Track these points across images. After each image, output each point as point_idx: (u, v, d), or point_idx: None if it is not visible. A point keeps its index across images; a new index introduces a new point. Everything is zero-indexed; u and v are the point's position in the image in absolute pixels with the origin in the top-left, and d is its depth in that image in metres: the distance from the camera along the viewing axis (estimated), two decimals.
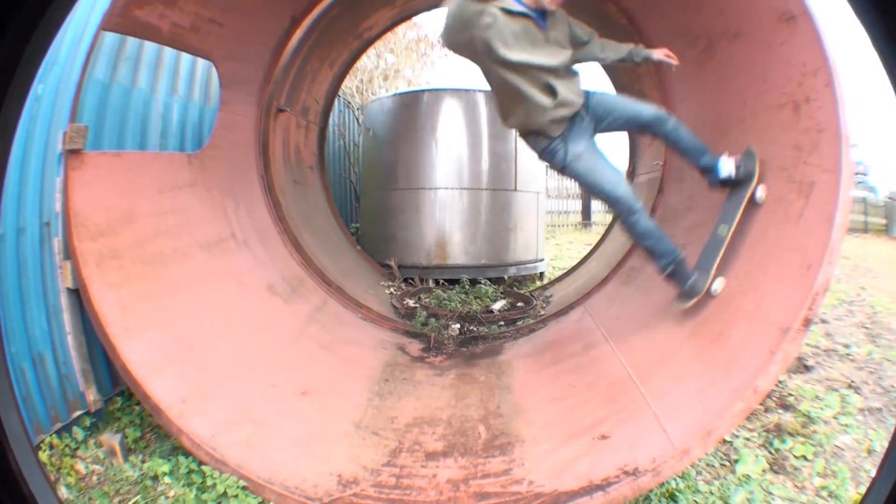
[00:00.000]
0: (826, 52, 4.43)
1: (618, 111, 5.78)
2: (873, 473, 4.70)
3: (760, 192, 5.42)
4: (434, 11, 12.20)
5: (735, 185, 5.61)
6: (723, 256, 5.50)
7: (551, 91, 5.43)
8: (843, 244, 4.17)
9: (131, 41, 6.14)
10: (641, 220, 5.61)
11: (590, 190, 5.89)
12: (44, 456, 4.89)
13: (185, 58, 7.21)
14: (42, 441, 5.00)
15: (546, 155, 5.86)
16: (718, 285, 5.41)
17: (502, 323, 9.30)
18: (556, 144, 5.70)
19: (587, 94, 5.75)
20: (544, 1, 5.38)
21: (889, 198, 35.09)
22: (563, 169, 5.83)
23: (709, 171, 5.74)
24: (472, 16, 5.01)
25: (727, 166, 5.57)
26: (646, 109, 5.77)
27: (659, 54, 5.89)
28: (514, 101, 5.61)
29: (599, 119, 5.76)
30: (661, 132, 5.76)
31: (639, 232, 5.67)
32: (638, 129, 5.95)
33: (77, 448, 5.23)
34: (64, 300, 5.32)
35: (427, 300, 10.72)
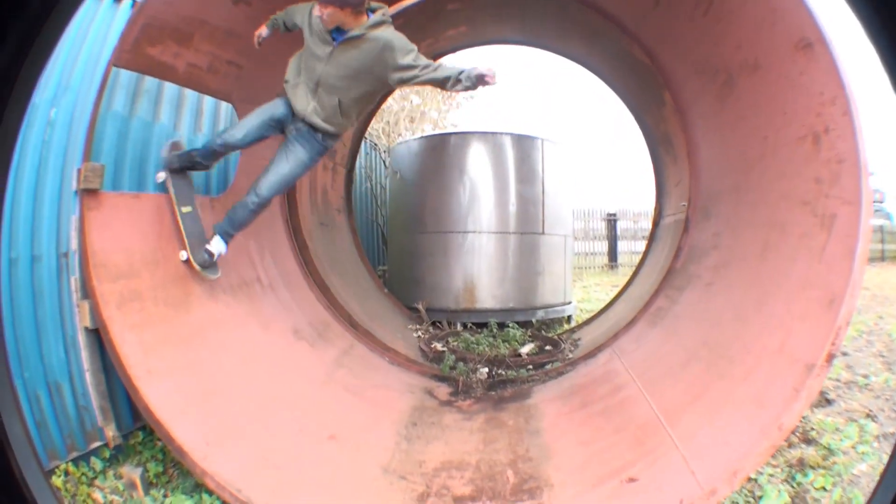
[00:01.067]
0: (843, 79, 4.40)
1: (277, 159, 6.45)
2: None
3: (182, 254, 6.26)
4: (459, 52, 12.28)
5: (200, 241, 6.41)
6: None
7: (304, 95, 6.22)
8: (864, 275, 4.15)
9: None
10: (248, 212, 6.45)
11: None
12: (58, 481, 4.94)
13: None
14: (57, 467, 5.05)
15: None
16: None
17: (531, 366, 9.26)
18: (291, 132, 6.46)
19: (313, 136, 6.37)
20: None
21: None
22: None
23: (214, 229, 6.49)
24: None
25: (214, 243, 6.42)
26: (265, 182, 6.38)
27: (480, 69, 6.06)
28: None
29: (287, 140, 6.48)
30: (248, 193, 6.45)
31: (240, 214, 6.47)
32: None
33: (95, 478, 5.29)
34: (82, 339, 5.37)
35: (455, 344, 10.69)
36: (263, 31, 6.34)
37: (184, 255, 6.18)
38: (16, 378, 4.67)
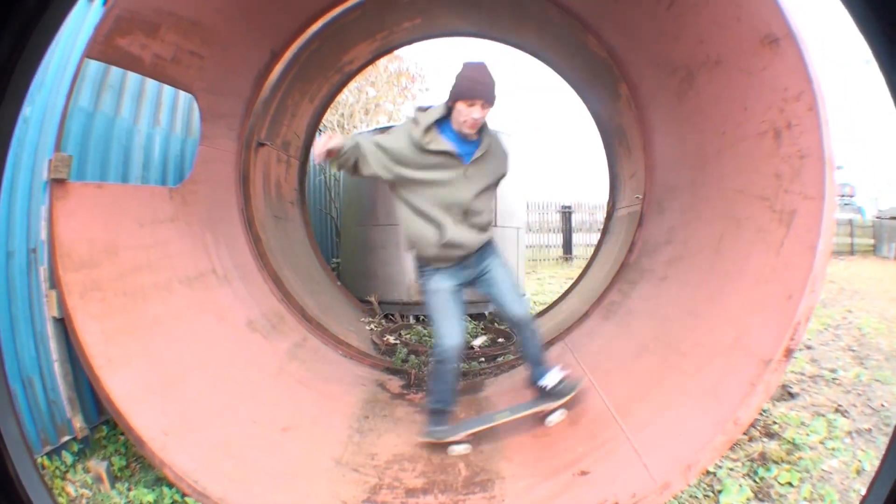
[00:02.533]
0: (810, 74, 4.35)
1: (498, 287, 5.87)
2: (863, 492, 4.74)
3: (555, 416, 5.97)
4: (415, 44, 12.24)
5: (544, 394, 5.95)
6: (479, 432, 5.88)
7: (439, 228, 5.52)
8: (827, 269, 4.16)
9: (115, 69, 6.18)
10: (448, 371, 5.67)
11: (429, 317, 6.16)
12: (41, 474, 4.88)
13: (168, 88, 7.25)
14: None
15: (417, 271, 6.03)
16: (458, 449, 5.80)
17: (483, 359, 9.28)
18: (427, 271, 5.84)
19: (489, 250, 5.95)
20: (458, 123, 5.33)
21: (877, 217, 35.40)
22: (420, 288, 6.01)
23: (535, 375, 5.98)
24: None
25: (552, 378, 5.90)
26: (518, 309, 5.85)
27: None
28: (408, 227, 5.72)
29: (480, 280, 5.93)
30: (520, 332, 6.00)
31: (438, 371, 5.72)
32: (502, 315, 6.02)
33: (67, 471, 5.29)
34: (50, 329, 5.36)
35: (407, 337, 10.69)
36: (331, 144, 5.23)
37: (560, 411, 5.99)
38: None
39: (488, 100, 5.17)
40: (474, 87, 5.11)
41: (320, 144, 5.15)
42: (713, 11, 5.70)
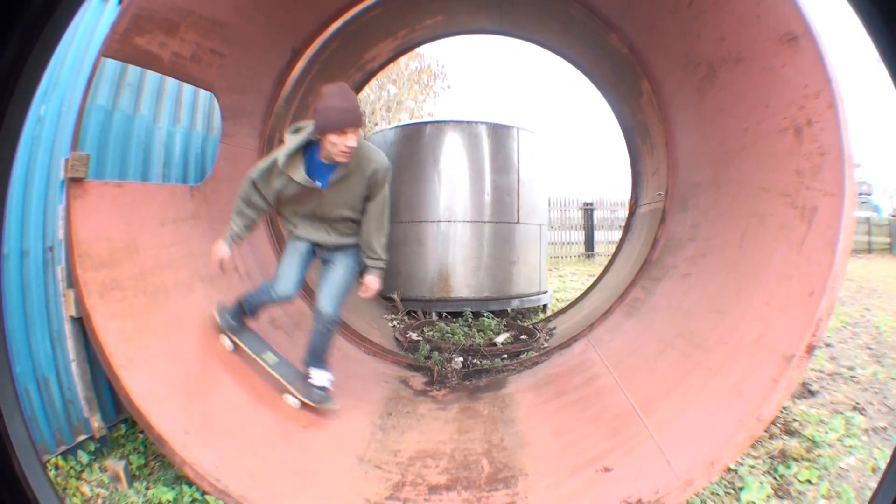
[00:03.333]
0: (828, 72, 4.38)
1: (325, 280, 6.16)
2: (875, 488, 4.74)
3: (290, 399, 6.17)
4: (436, 42, 12.23)
5: (304, 380, 6.21)
6: (244, 352, 6.34)
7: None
8: (846, 267, 4.15)
9: (133, 67, 6.19)
10: (269, 298, 6.21)
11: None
12: (50, 475, 4.88)
13: (188, 86, 7.26)
14: (48, 461, 5.04)
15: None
16: (223, 340, 6.35)
17: (505, 356, 9.26)
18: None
19: (346, 251, 6.22)
20: (333, 154, 5.37)
21: (893, 216, 35.11)
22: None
23: (310, 360, 6.20)
24: None
25: (319, 377, 6.16)
26: (330, 306, 6.01)
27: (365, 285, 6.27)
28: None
29: (322, 263, 6.30)
30: (317, 322, 6.06)
31: (262, 295, 6.24)
32: (315, 302, 6.11)
33: (82, 471, 5.28)
34: (68, 328, 5.35)
35: (430, 333, 10.68)
36: (223, 249, 5.89)
37: (294, 401, 6.11)
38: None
39: (359, 124, 5.25)
40: (343, 115, 5.14)
41: (215, 258, 5.86)
42: (734, 9, 5.69)
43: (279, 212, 6.10)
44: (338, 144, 5.18)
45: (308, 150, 5.51)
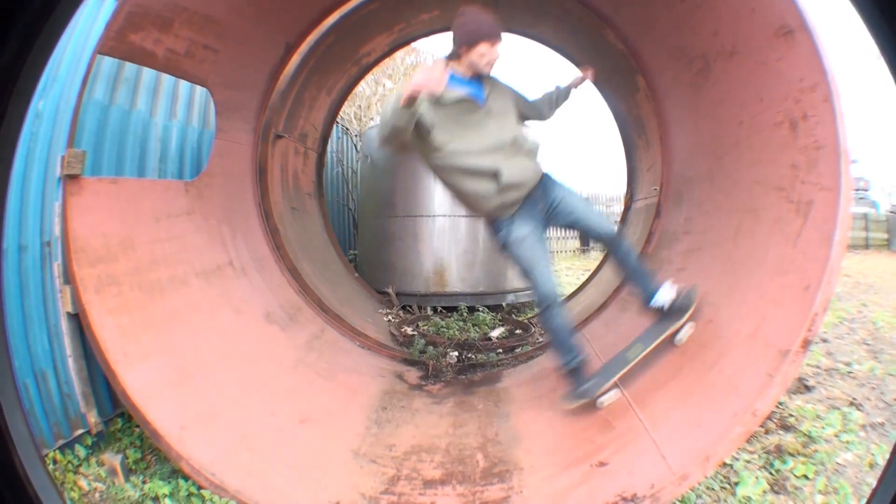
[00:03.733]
0: (825, 66, 4.38)
1: (577, 213, 5.76)
2: (874, 485, 4.74)
3: (684, 332, 5.64)
4: (433, 36, 12.22)
5: (665, 315, 5.71)
6: (624, 374, 5.63)
7: (494, 176, 5.40)
8: (843, 261, 4.15)
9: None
10: (556, 315, 5.65)
11: (521, 272, 5.86)
12: (49, 470, 4.90)
13: (184, 81, 7.23)
14: (46, 455, 5.03)
15: (490, 230, 5.93)
16: (608, 399, 5.52)
17: (500, 350, 9.28)
18: (501, 224, 5.73)
19: (550, 183, 5.77)
20: (480, 66, 5.39)
21: (891, 212, 35.07)
22: (502, 247, 5.85)
23: (646, 294, 5.78)
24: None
25: (665, 295, 5.66)
26: (605, 226, 5.86)
27: (579, 77, 6.20)
28: (458, 190, 5.70)
29: (555, 212, 5.75)
30: (614, 250, 5.88)
31: (551, 325, 5.72)
32: (591, 237, 5.94)
33: (80, 465, 5.26)
34: (64, 324, 5.33)
35: (425, 328, 10.71)
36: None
37: (689, 324, 5.65)
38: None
39: (501, 35, 5.36)
40: (493, 24, 5.30)
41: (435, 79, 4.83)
42: (728, 3, 5.71)
43: (452, 182, 5.62)
44: (486, 55, 5.30)
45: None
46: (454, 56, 5.46)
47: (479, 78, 5.50)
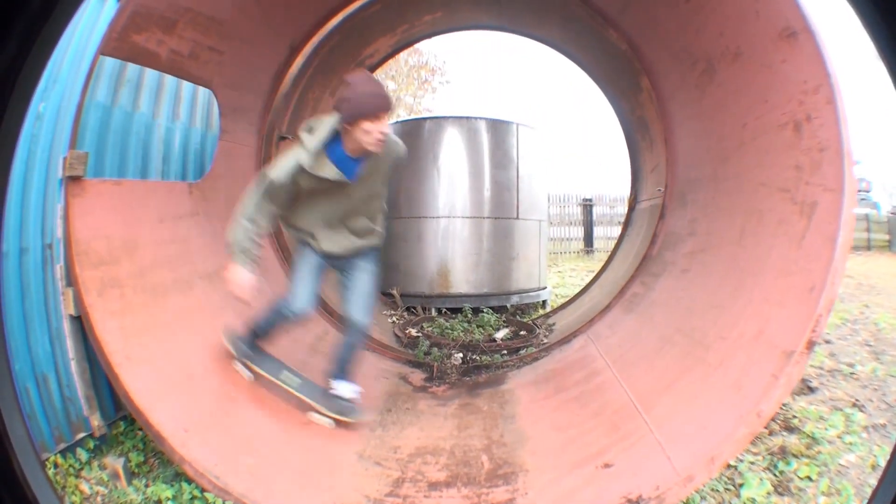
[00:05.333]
0: (828, 68, 4.38)
1: (353, 289, 5.94)
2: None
3: (320, 419, 5.93)
4: (435, 38, 12.24)
5: (329, 396, 6.00)
6: (263, 377, 6.07)
7: (312, 237, 5.76)
8: (846, 263, 4.15)
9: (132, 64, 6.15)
10: (283, 318, 5.92)
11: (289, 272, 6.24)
12: (48, 474, 4.88)
13: (187, 83, 7.23)
14: (46, 459, 5.02)
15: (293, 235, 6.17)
16: (240, 370, 6.09)
17: (505, 352, 9.25)
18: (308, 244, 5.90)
19: (364, 255, 5.97)
20: (365, 144, 5.13)
21: (892, 213, 35.04)
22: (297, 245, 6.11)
23: (334, 374, 6.03)
24: None
25: (345, 390, 5.99)
26: (362, 314, 5.85)
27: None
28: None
29: (344, 272, 6.02)
30: (347, 332, 5.98)
31: (276, 316, 5.98)
32: (344, 312, 5.99)
33: (81, 469, 5.25)
34: (67, 327, 5.32)
35: (429, 329, 10.70)
36: (246, 275, 5.39)
37: (326, 420, 5.93)
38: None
39: (392, 108, 5.15)
40: (378, 100, 5.00)
41: (241, 288, 5.38)
42: (732, 4, 5.70)
43: (290, 222, 5.77)
44: (372, 132, 4.98)
45: (328, 145, 5.24)
46: (342, 125, 5.16)
47: (366, 153, 5.27)
